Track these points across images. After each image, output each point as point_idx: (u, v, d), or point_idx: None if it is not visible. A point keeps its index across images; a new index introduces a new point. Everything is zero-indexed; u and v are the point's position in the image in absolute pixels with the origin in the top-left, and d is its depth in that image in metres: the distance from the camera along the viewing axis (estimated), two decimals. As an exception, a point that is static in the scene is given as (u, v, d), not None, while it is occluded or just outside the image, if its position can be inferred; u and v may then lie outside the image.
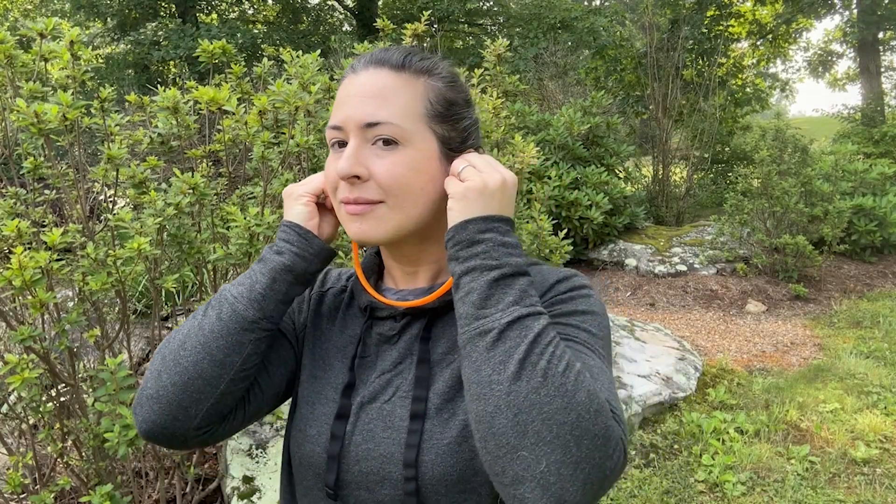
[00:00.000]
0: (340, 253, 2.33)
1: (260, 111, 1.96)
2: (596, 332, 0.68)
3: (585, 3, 15.33)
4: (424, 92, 0.71)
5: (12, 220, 1.57)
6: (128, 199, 1.94)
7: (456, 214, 0.65)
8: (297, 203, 0.75)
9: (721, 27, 11.52)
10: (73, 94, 1.82)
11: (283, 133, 2.07)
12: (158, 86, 2.37)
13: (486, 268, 0.62)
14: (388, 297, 0.77)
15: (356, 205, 0.69)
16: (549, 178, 2.76)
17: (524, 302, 0.60)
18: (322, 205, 0.76)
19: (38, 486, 1.91)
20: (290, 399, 0.81)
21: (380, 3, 14.85)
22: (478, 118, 0.78)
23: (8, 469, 1.90)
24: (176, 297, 3.65)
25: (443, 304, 0.71)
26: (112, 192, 1.99)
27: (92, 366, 2.19)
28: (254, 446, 2.28)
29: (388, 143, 0.68)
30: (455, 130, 0.72)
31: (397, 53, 0.72)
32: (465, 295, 0.61)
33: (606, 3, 15.26)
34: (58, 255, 1.63)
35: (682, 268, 5.87)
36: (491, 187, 0.65)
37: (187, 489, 2.15)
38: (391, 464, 0.68)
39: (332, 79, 2.46)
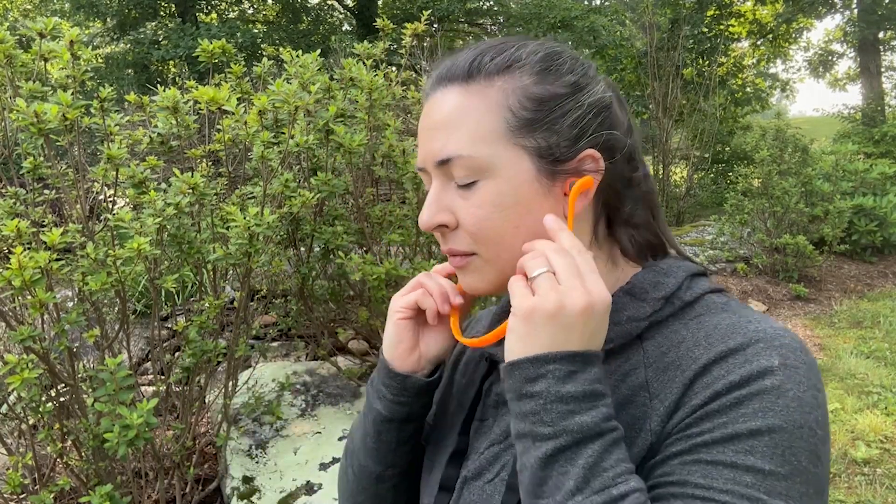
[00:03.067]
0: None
1: (260, 111, 1.96)
2: (771, 470, 0.44)
3: (585, 3, 15.33)
4: (502, 99, 0.53)
5: (12, 219, 1.57)
6: (127, 199, 1.94)
7: (511, 344, 0.48)
8: (389, 323, 0.61)
9: (721, 27, 11.52)
10: (72, 93, 1.82)
11: (283, 133, 2.07)
12: (158, 85, 2.37)
13: (537, 437, 0.46)
14: None
15: (454, 257, 0.56)
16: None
17: (591, 487, 0.43)
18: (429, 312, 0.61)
19: (37, 487, 1.91)
20: None
21: (380, 2, 14.84)
22: (602, 100, 0.56)
23: (8, 469, 1.90)
24: (176, 296, 3.65)
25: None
26: (112, 191, 1.99)
27: (91, 366, 2.19)
28: (253, 446, 2.28)
29: (467, 184, 0.54)
30: (557, 134, 0.53)
31: (463, 58, 0.55)
32: (521, 471, 0.47)
33: (606, 3, 15.25)
34: (57, 255, 1.63)
35: (683, 268, 5.86)
36: (569, 311, 0.46)
37: (187, 489, 2.15)
38: None
39: (331, 78, 2.46)
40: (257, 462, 2.20)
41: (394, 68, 2.95)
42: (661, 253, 0.61)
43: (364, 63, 2.57)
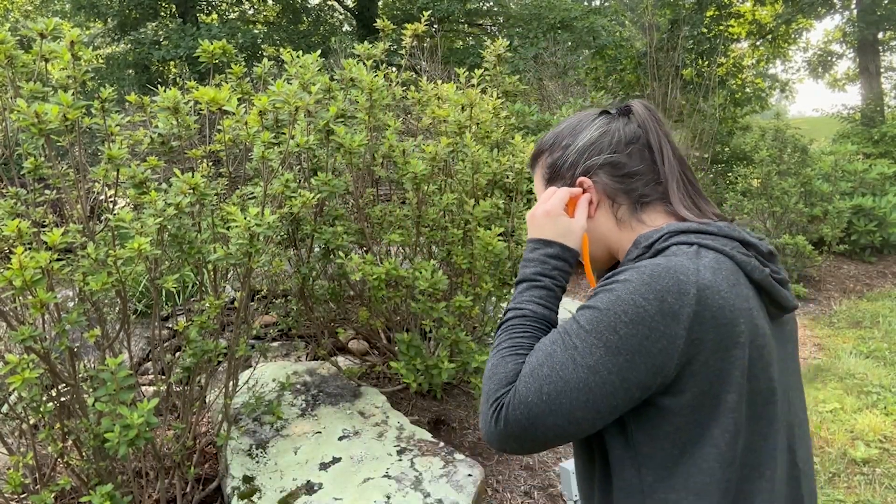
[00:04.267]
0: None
1: (260, 111, 1.96)
2: (582, 325, 0.76)
3: (585, 3, 15.33)
4: (541, 173, 0.97)
5: (13, 220, 1.58)
6: (128, 200, 1.94)
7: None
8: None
9: (721, 27, 11.53)
10: (73, 94, 1.82)
11: (284, 133, 2.08)
12: (159, 86, 2.37)
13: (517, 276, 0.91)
14: None
15: None
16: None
17: (513, 302, 0.87)
18: None
19: (38, 486, 1.92)
20: None
21: (380, 3, 14.85)
22: (584, 144, 0.91)
23: (8, 469, 1.90)
24: (176, 296, 3.65)
25: None
26: (112, 192, 1.99)
27: (92, 366, 2.19)
28: (254, 446, 2.28)
29: None
30: (562, 178, 0.93)
31: (530, 156, 1.02)
32: None
33: (606, 4, 15.26)
34: (58, 255, 1.63)
35: (682, 268, 5.87)
36: (537, 214, 0.90)
37: (187, 489, 2.15)
38: None
39: (332, 79, 2.46)
40: (258, 462, 2.20)
41: (394, 69, 2.95)
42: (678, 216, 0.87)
43: (364, 63, 2.57)
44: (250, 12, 15.96)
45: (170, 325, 3.46)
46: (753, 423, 0.75)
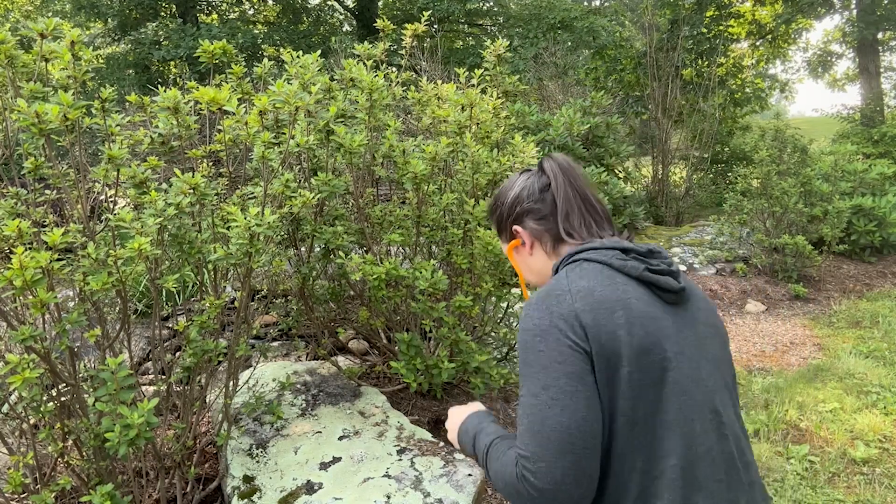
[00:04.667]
0: (341, 253, 2.33)
1: (260, 111, 1.96)
2: (521, 372, 0.92)
3: (585, 4, 15.33)
4: (493, 224, 1.21)
5: (13, 220, 1.58)
6: (128, 200, 1.95)
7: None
8: None
9: (720, 27, 11.53)
10: (73, 94, 1.82)
11: (284, 133, 2.08)
12: (159, 86, 2.37)
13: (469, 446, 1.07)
14: None
15: None
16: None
17: (479, 445, 1.03)
18: None
19: (38, 486, 1.92)
20: None
21: (380, 3, 14.85)
22: (511, 201, 1.13)
23: (9, 468, 1.90)
24: (177, 296, 3.65)
25: None
26: (113, 192, 1.99)
27: (93, 365, 2.19)
28: (254, 446, 2.28)
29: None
30: (506, 231, 1.16)
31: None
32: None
33: (606, 4, 15.26)
34: (58, 255, 1.64)
35: (682, 268, 5.88)
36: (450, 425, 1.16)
37: (188, 489, 2.15)
38: None
39: (332, 79, 2.47)
40: (258, 461, 2.21)
41: (394, 69, 2.95)
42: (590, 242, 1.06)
43: (364, 64, 2.58)
44: (250, 12, 15.97)
45: (170, 325, 3.46)
46: (650, 388, 0.88)
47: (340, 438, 2.32)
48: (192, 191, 1.84)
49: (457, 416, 1.13)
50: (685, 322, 0.96)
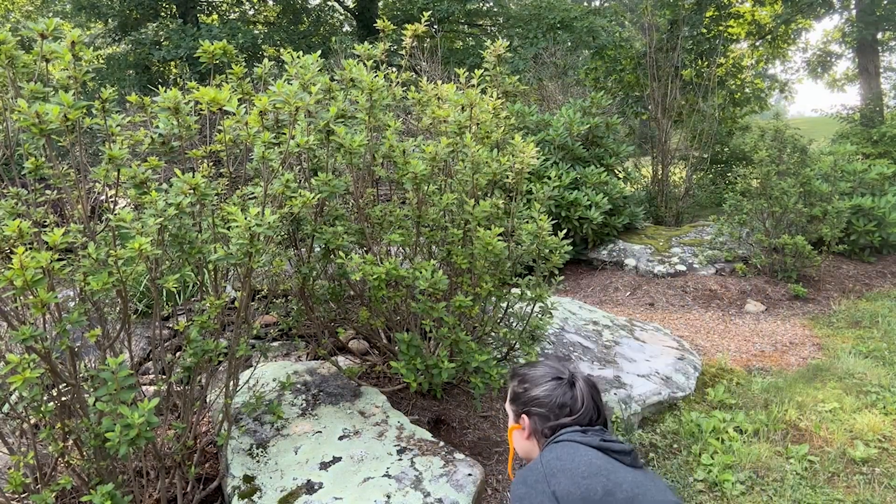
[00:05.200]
0: (341, 253, 2.34)
1: (260, 112, 1.96)
2: None
3: (585, 4, 15.34)
4: (509, 392, 1.44)
5: (14, 220, 1.58)
6: (129, 200, 1.95)
7: None
8: None
9: (720, 28, 11.54)
10: (74, 94, 1.83)
11: (284, 133, 2.08)
12: (159, 86, 2.38)
13: None
14: None
15: None
16: (549, 178, 2.77)
17: None
18: None
19: (39, 486, 1.92)
20: None
21: (380, 3, 14.86)
22: (532, 395, 1.36)
23: (9, 468, 1.90)
24: (177, 296, 3.65)
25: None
26: (113, 192, 2.00)
27: (93, 365, 2.20)
28: (254, 446, 2.29)
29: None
30: (516, 406, 1.39)
31: (510, 371, 1.51)
32: None
33: (606, 4, 15.27)
34: (59, 255, 1.64)
35: (682, 268, 5.88)
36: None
37: (188, 488, 2.15)
38: None
39: (332, 79, 2.47)
40: (258, 461, 2.21)
41: (394, 69, 2.96)
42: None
43: (364, 64, 2.58)
44: (251, 13, 15.98)
45: (170, 325, 3.46)
46: None
47: (340, 438, 2.32)
48: (192, 191, 1.84)
49: None
50: (643, 475, 1.22)
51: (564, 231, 2.70)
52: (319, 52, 2.54)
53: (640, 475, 1.22)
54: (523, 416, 1.36)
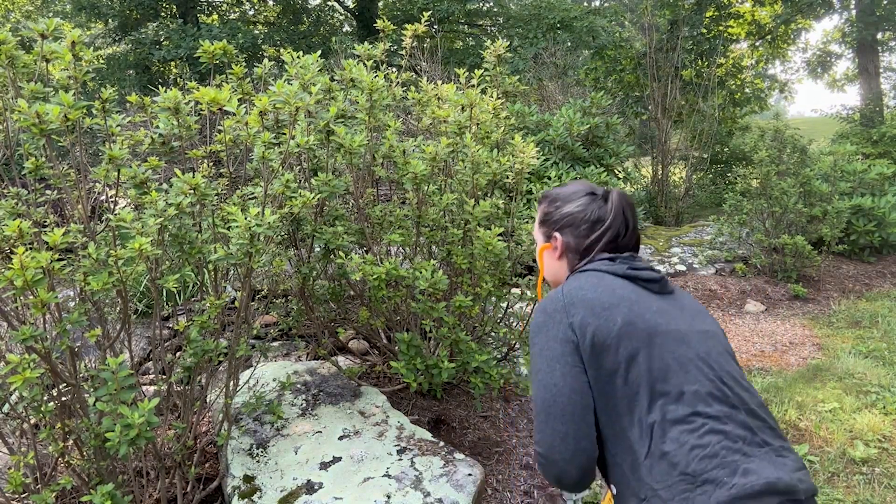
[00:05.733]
0: (342, 253, 2.34)
1: (261, 112, 1.96)
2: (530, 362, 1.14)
3: (585, 4, 15.34)
4: (539, 215, 1.36)
5: (14, 220, 1.58)
6: (129, 200, 1.95)
7: None
8: None
9: (720, 28, 11.54)
10: (74, 94, 1.83)
11: (284, 133, 2.08)
12: (159, 86, 2.38)
13: None
14: None
15: None
16: (549, 178, 2.77)
17: None
18: None
19: (39, 486, 1.92)
20: None
21: (380, 4, 14.86)
22: (566, 211, 1.29)
23: (9, 468, 1.90)
24: (177, 296, 3.66)
25: None
26: (113, 192, 2.00)
27: (93, 365, 2.20)
28: (254, 446, 2.29)
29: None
30: (547, 227, 1.33)
31: (539, 196, 1.45)
32: None
33: (606, 4, 15.27)
34: (59, 255, 1.64)
35: (682, 268, 5.88)
36: None
37: (188, 488, 2.15)
38: None
39: (332, 79, 2.47)
40: (258, 461, 2.21)
41: (394, 69, 2.96)
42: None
43: (364, 64, 2.58)
44: (251, 13, 15.98)
45: (170, 325, 3.46)
46: (647, 348, 1.06)
47: (340, 438, 2.32)
48: (192, 191, 1.84)
49: None
50: (672, 304, 1.16)
51: (564, 231, 2.70)
52: (319, 52, 2.54)
53: (667, 303, 1.15)
54: (555, 234, 1.29)
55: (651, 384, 1.03)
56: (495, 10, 14.67)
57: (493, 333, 2.82)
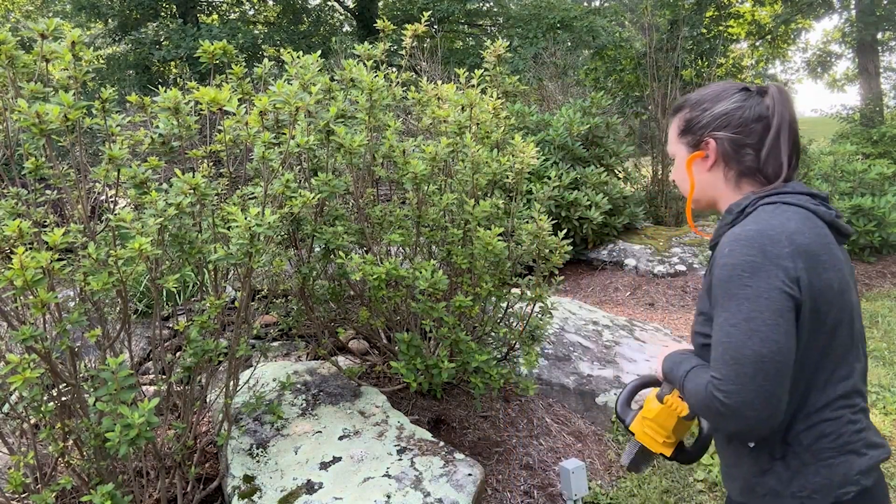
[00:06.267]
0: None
1: (261, 112, 1.96)
2: (721, 303, 1.00)
3: (585, 4, 15.33)
4: (678, 125, 1.19)
5: (14, 220, 1.58)
6: (129, 200, 1.95)
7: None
8: None
9: (720, 28, 11.54)
10: (74, 94, 1.83)
11: (284, 133, 2.08)
12: (159, 86, 2.38)
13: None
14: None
15: None
16: (549, 178, 2.77)
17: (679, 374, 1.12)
18: None
19: (39, 486, 1.92)
20: None
21: (380, 3, 14.86)
22: (719, 112, 1.10)
23: (9, 468, 1.90)
24: (177, 296, 3.66)
25: (712, 247, 1.12)
26: (113, 192, 2.00)
27: (93, 365, 2.20)
28: (254, 446, 2.29)
29: (672, 160, 1.23)
30: (693, 133, 1.15)
31: (671, 107, 1.26)
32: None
33: (606, 4, 15.27)
34: (59, 255, 1.64)
35: (682, 268, 5.88)
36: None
37: (188, 488, 2.15)
38: None
39: (332, 79, 2.47)
40: (258, 461, 2.21)
41: (394, 69, 2.96)
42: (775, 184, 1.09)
43: (364, 64, 2.58)
44: (251, 13, 15.98)
45: (170, 325, 3.46)
46: (847, 322, 1.03)
47: (340, 438, 2.32)
48: (192, 191, 1.84)
49: (666, 355, 1.22)
50: (845, 261, 1.08)
51: (564, 231, 2.70)
52: (319, 52, 2.54)
53: (847, 268, 1.07)
54: (706, 140, 1.11)
55: (837, 358, 1.02)
56: (495, 10, 14.68)
57: (493, 333, 2.82)
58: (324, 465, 2.16)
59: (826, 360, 1.02)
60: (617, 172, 7.12)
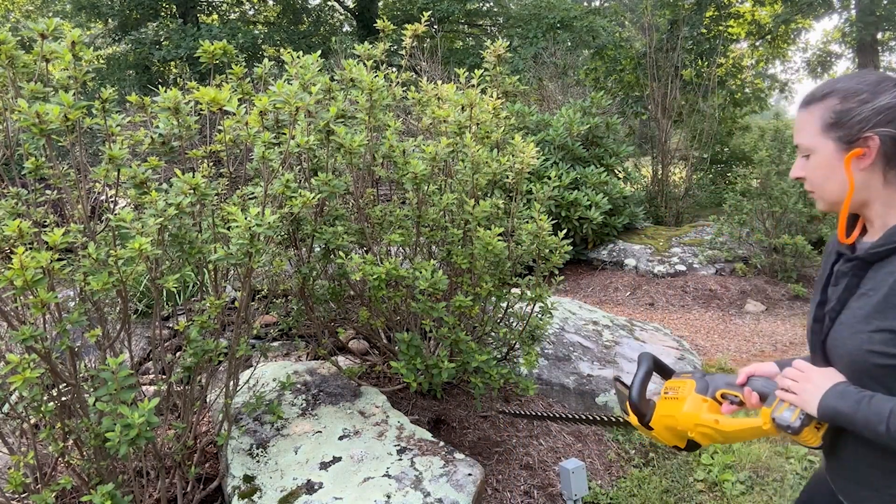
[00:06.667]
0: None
1: (261, 112, 1.96)
2: None
3: (585, 4, 15.34)
4: (821, 115, 1.02)
5: (14, 220, 1.58)
6: (129, 200, 1.95)
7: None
8: None
9: (720, 28, 11.54)
10: (74, 94, 1.83)
11: (284, 133, 2.08)
12: (159, 86, 2.38)
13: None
14: (858, 247, 1.07)
15: (809, 193, 1.09)
16: (549, 178, 2.77)
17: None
18: None
19: (39, 486, 1.92)
20: None
21: (380, 3, 14.87)
22: (882, 105, 0.98)
23: (9, 468, 1.90)
24: (177, 296, 3.66)
25: (871, 256, 1.00)
26: (113, 192, 2.00)
27: (93, 365, 2.20)
28: (254, 446, 2.29)
29: (806, 156, 1.06)
30: (848, 130, 1.00)
31: (807, 96, 1.06)
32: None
33: (606, 4, 15.28)
34: (59, 255, 1.64)
35: (682, 268, 5.88)
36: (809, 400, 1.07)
37: (188, 488, 2.15)
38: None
39: (332, 79, 2.47)
40: (258, 461, 2.21)
41: (394, 69, 2.96)
42: None
43: (364, 64, 2.58)
44: (251, 13, 15.98)
45: (170, 325, 3.46)
46: None
47: (340, 438, 2.32)
48: (192, 191, 1.84)
49: (819, 377, 1.06)
50: None
51: (564, 231, 2.70)
52: (319, 52, 2.54)
53: None
54: (869, 136, 0.98)
55: None
56: (495, 10, 14.69)
57: (493, 333, 2.82)
58: (324, 465, 2.16)
59: None
60: (617, 172, 7.12)
